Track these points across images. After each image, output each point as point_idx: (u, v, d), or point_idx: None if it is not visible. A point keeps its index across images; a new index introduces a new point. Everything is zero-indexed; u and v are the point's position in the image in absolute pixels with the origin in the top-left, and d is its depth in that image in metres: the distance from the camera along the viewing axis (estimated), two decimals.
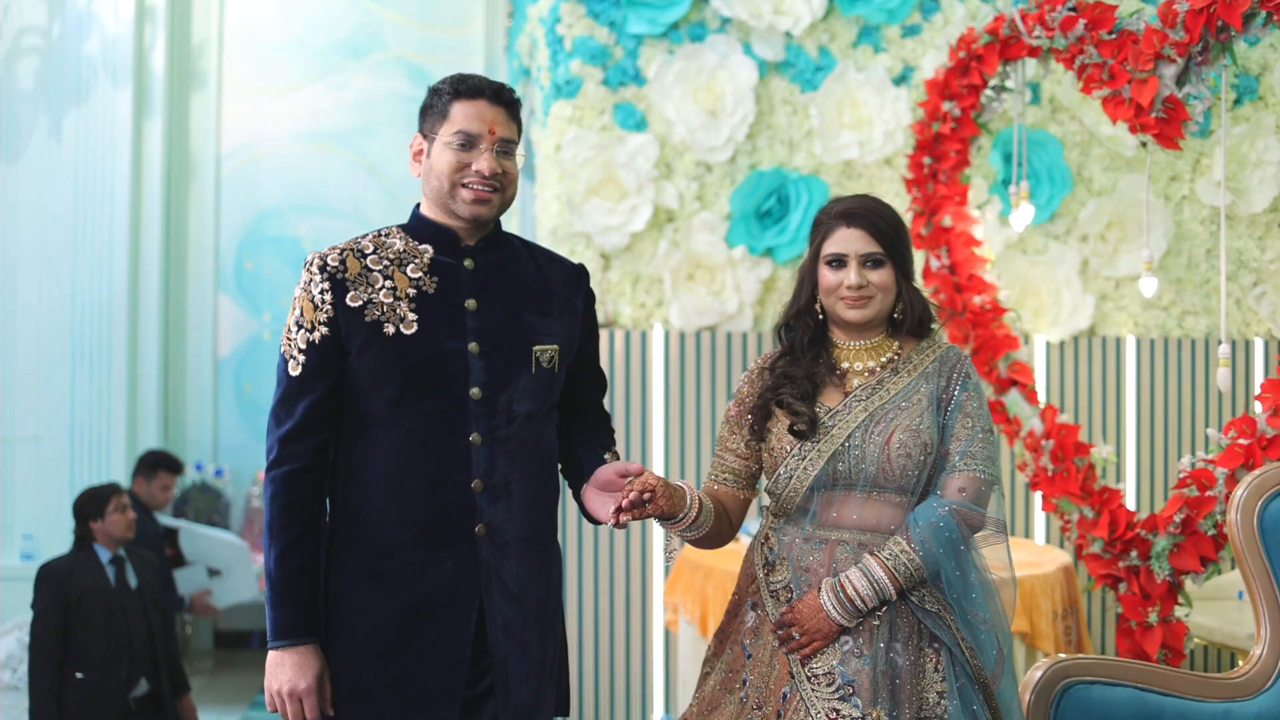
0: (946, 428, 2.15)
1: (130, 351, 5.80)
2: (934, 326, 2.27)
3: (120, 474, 5.67)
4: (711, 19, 4.36)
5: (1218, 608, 4.01)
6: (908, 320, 2.22)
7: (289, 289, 6.16)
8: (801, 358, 2.22)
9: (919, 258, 3.81)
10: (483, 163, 2.05)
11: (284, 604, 2.01)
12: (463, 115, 2.05)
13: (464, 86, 2.07)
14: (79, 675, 3.83)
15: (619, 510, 2.00)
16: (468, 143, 2.05)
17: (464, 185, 2.07)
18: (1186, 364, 4.62)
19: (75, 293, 5.69)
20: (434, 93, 2.10)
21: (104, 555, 3.99)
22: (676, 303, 4.31)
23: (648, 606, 4.36)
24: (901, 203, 4.10)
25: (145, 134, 5.94)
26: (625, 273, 4.34)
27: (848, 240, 2.18)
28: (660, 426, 4.35)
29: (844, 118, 4.37)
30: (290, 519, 2.02)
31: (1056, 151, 4.50)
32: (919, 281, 2.37)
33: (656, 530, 4.36)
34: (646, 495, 2.02)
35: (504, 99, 2.09)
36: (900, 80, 4.43)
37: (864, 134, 4.37)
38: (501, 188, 2.10)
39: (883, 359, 2.22)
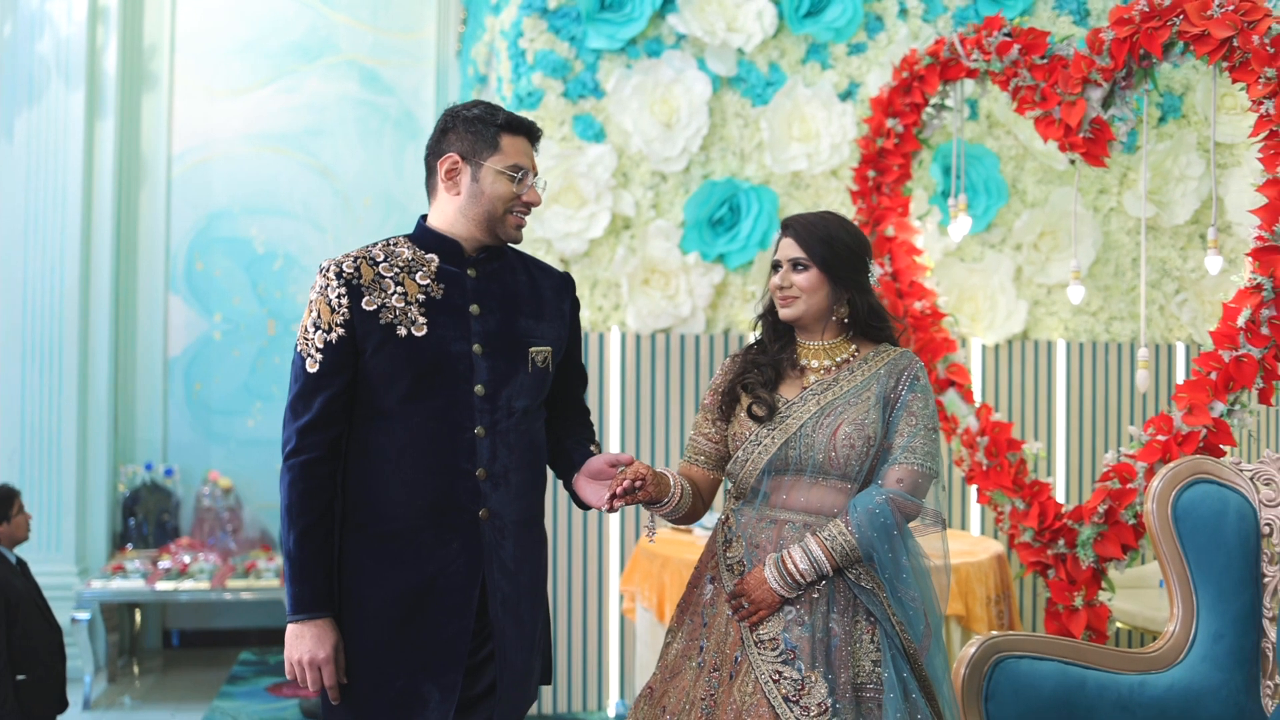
0: (891, 424, 2.35)
1: (81, 351, 5.78)
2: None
3: (70, 472, 5.66)
4: (668, 35, 4.52)
5: (1140, 595, 4.25)
6: (855, 325, 2.43)
7: (240, 289, 6.25)
8: (770, 348, 2.45)
9: None
10: (533, 195, 2.29)
11: (302, 581, 2.17)
12: (514, 150, 2.27)
13: (513, 122, 2.28)
14: (21, 677, 3.76)
15: (613, 496, 2.19)
16: (519, 175, 2.26)
17: (511, 212, 2.28)
18: (1113, 366, 4.86)
19: (26, 292, 5.66)
20: (475, 120, 2.27)
21: (10, 558, 3.87)
22: (633, 306, 4.47)
23: (604, 597, 4.50)
24: (847, 213, 4.28)
25: (97, 134, 5.92)
26: (584, 277, 4.48)
27: (782, 247, 2.44)
28: (617, 423, 4.51)
29: (793, 131, 4.55)
30: (308, 504, 2.18)
31: (993, 165, 4.71)
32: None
33: (613, 525, 4.51)
34: (638, 483, 2.21)
35: (539, 135, 2.34)
36: (846, 95, 4.62)
37: (811, 146, 4.55)
38: None
39: (838, 359, 2.43)
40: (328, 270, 2.23)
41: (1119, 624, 4.12)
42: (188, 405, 6.31)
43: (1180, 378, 4.88)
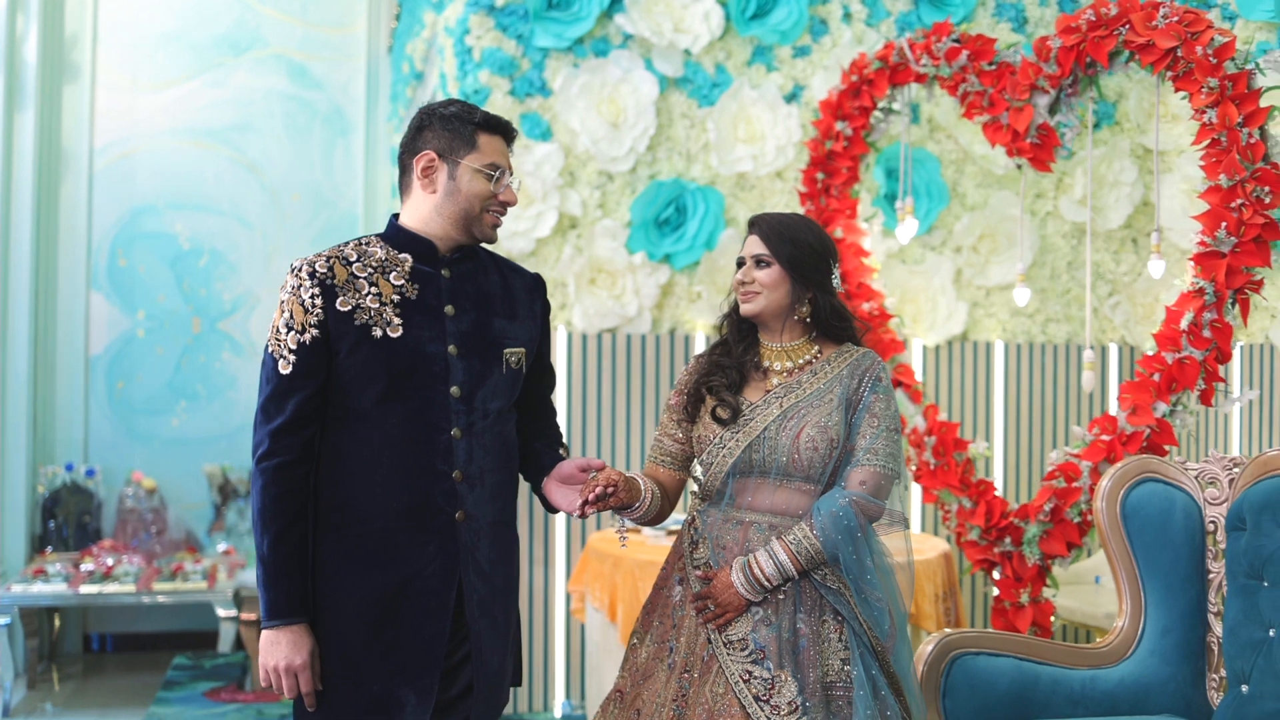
0: (854, 426, 2.38)
1: None
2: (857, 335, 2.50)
3: None
4: (615, 35, 4.51)
5: (1078, 591, 4.35)
6: (817, 324, 2.45)
7: (164, 286, 6.11)
8: (734, 350, 2.45)
9: None
10: (509, 194, 2.27)
11: (277, 586, 2.12)
12: (491, 148, 2.24)
13: (490, 121, 2.26)
14: None
15: (585, 503, 2.18)
16: (497, 174, 2.24)
17: (488, 211, 2.26)
18: (1049, 367, 4.97)
19: None
20: (452, 118, 2.24)
21: None
22: (579, 306, 4.45)
23: (550, 597, 4.48)
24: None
25: (16, 126, 5.73)
26: None
27: (748, 244, 2.47)
28: (563, 422, 4.48)
29: (738, 132, 4.57)
30: (282, 507, 2.13)
31: (934, 168, 4.78)
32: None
33: (559, 526, 4.49)
34: (609, 490, 2.20)
35: (514, 135, 2.32)
36: (791, 98, 4.65)
37: (757, 148, 4.58)
38: None
39: (801, 360, 2.44)
40: (300, 270, 2.18)
41: (1061, 620, 4.21)
42: (110, 404, 6.15)
43: (1113, 378, 5.00)
